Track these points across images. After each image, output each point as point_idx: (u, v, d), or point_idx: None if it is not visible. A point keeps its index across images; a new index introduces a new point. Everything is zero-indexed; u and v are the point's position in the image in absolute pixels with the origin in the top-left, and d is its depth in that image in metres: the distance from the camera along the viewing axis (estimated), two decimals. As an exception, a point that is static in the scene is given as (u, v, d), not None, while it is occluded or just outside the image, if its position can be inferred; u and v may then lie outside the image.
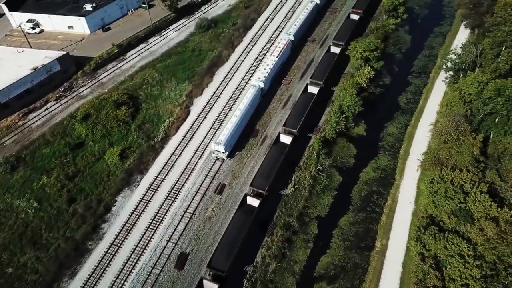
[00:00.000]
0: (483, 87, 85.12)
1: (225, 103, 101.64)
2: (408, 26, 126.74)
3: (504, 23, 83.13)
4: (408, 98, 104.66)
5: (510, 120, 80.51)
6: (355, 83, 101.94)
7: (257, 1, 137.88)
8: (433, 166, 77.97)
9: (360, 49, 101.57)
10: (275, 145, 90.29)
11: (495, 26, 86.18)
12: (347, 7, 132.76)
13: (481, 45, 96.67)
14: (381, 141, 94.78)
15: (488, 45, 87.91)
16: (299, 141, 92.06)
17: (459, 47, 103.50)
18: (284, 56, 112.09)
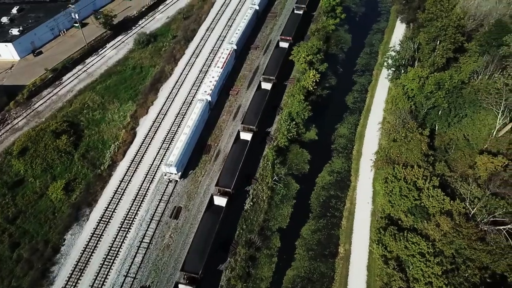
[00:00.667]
0: (424, 82, 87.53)
1: (172, 120, 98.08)
2: (347, 25, 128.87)
3: (436, 19, 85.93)
4: (355, 97, 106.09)
5: (452, 112, 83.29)
6: (302, 87, 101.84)
7: (196, 11, 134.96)
8: (385, 165, 79.03)
9: (303, 53, 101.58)
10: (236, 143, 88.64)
11: (428, 22, 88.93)
12: (286, 10, 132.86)
13: (417, 40, 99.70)
14: (333, 144, 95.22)
15: (424, 41, 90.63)
16: (253, 153, 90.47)
17: (397, 44, 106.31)
18: (229, 66, 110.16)
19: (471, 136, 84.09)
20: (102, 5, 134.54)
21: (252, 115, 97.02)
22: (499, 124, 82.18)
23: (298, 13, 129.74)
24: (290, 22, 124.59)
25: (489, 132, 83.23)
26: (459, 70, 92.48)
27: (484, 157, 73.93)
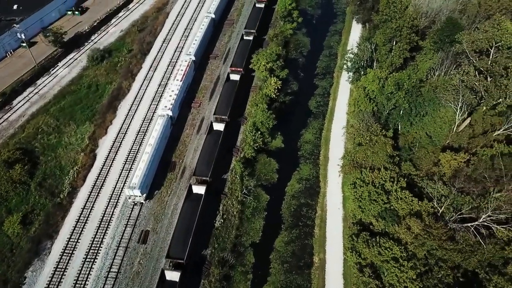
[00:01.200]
0: (384, 83, 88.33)
1: (133, 139, 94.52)
2: (305, 28, 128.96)
3: (391, 20, 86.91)
4: (317, 101, 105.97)
5: (413, 111, 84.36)
6: (265, 95, 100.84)
7: (150, 22, 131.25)
8: (353, 170, 78.99)
9: (263, 61, 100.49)
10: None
11: (383, 23, 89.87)
12: (243, 17, 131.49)
13: (374, 41, 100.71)
14: (300, 150, 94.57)
15: (380, 42, 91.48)
16: (220, 166, 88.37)
17: (355, 45, 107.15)
18: (189, 78, 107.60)
19: (433, 133, 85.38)
20: (50, 22, 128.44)
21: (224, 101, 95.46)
22: (458, 120, 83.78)
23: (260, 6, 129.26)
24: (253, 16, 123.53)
25: (450, 128, 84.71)
26: (416, 68, 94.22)
27: (447, 155, 75.10)
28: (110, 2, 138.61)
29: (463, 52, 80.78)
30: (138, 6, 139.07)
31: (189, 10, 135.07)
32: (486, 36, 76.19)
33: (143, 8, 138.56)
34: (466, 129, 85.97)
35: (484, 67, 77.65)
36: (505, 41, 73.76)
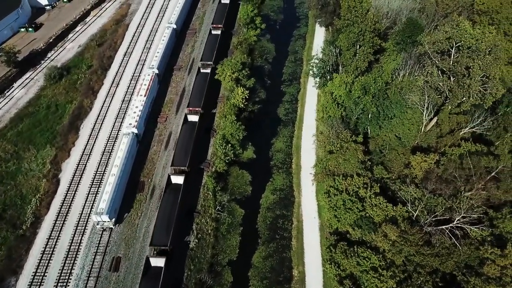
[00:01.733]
0: (351, 87, 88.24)
1: (98, 160, 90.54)
2: (269, 34, 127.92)
3: (353, 24, 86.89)
4: (286, 108, 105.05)
5: (381, 115, 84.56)
6: (233, 106, 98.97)
7: (110, 36, 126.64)
8: (325, 178, 78.29)
9: (228, 72, 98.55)
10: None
11: (345, 27, 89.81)
12: (206, 25, 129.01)
13: (338, 44, 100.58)
14: (272, 160, 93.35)
15: (344, 46, 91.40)
16: (191, 183, 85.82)
17: (319, 49, 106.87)
18: (153, 92, 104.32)
19: (402, 135, 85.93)
20: (2, 40, 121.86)
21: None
22: (425, 120, 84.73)
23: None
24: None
25: (418, 129, 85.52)
26: (381, 70, 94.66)
27: (418, 157, 75.56)
28: (66, 17, 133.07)
29: (426, 53, 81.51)
30: (96, 19, 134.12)
31: (149, 21, 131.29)
32: (445, 36, 77.10)
33: (101, 21, 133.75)
34: (433, 128, 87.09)
35: (446, 67, 78.63)
36: (465, 41, 74.84)
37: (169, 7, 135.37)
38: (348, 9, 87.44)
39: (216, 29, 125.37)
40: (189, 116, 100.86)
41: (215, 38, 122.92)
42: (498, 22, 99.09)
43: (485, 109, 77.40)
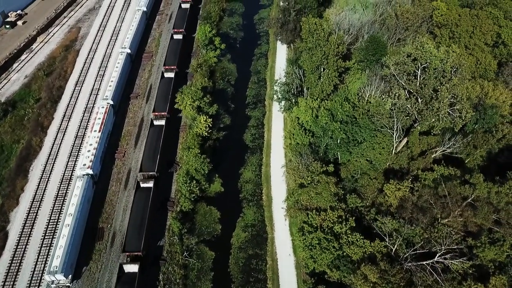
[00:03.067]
0: (317, 112, 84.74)
1: (51, 206, 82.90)
2: (229, 53, 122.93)
3: (315, 48, 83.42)
4: (252, 134, 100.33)
5: (350, 139, 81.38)
6: (196, 135, 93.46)
7: (59, 64, 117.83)
8: (298, 212, 74.23)
9: (188, 101, 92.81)
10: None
11: (308, 50, 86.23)
12: (162, 48, 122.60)
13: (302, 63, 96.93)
14: (241, 192, 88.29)
15: (308, 70, 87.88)
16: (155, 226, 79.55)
17: (282, 71, 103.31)
18: (109, 126, 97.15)
19: (373, 158, 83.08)
20: None
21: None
22: (395, 143, 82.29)
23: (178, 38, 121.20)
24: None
25: (389, 151, 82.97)
26: (347, 90, 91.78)
27: (391, 185, 72.77)
28: (9, 45, 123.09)
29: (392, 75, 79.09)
30: (43, 46, 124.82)
31: (101, 45, 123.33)
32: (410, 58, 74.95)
33: (49, 47, 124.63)
34: (404, 149, 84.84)
35: (413, 89, 76.40)
36: (431, 64, 72.79)
37: (122, 29, 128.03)
38: (309, 32, 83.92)
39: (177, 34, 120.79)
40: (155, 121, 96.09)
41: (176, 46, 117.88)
42: (458, 35, 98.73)
43: (455, 132, 75.63)
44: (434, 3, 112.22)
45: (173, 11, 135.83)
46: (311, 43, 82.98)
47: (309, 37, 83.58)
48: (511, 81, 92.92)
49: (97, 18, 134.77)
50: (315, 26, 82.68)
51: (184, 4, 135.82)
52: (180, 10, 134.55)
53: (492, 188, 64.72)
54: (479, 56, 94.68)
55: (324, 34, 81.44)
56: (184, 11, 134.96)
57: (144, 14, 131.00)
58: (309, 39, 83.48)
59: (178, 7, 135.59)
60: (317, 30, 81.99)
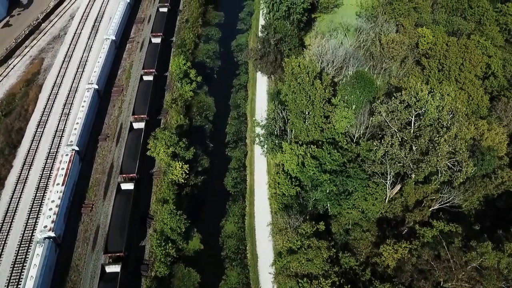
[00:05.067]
0: (303, 159, 77.82)
1: (7, 277, 72.96)
2: (206, 85, 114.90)
3: (300, 92, 76.54)
4: (234, 178, 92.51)
5: (340, 192, 74.75)
6: (171, 183, 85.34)
7: (19, 102, 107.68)
8: (287, 279, 66.72)
9: (162, 148, 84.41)
10: None
11: (292, 93, 79.22)
12: (133, 81, 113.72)
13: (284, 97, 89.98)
14: (223, 249, 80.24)
15: (292, 115, 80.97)
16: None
17: (264, 107, 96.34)
18: (74, 176, 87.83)
19: (365, 209, 76.62)
20: None
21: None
22: (389, 192, 76.10)
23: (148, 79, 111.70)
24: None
25: (382, 200, 76.69)
26: (333, 129, 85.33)
27: (388, 247, 66.30)
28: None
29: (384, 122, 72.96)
30: (1, 81, 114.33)
31: (67, 78, 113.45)
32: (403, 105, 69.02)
33: (8, 82, 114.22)
34: (397, 195, 78.73)
35: (408, 137, 70.30)
36: (427, 114, 66.89)
37: (90, 60, 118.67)
38: (293, 75, 77.09)
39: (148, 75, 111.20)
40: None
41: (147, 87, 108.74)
42: (448, 68, 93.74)
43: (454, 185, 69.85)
44: (420, 30, 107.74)
45: (145, 38, 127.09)
46: (295, 87, 76.12)
47: (292, 81, 76.69)
48: (504, 117, 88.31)
49: (62, 47, 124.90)
50: (298, 69, 75.81)
51: (155, 38, 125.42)
52: (151, 45, 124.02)
53: (502, 258, 58.81)
54: (471, 91, 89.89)
55: (309, 79, 74.59)
56: (155, 45, 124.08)
57: (113, 43, 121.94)
58: (292, 82, 76.59)
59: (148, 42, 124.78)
60: (301, 73, 75.14)
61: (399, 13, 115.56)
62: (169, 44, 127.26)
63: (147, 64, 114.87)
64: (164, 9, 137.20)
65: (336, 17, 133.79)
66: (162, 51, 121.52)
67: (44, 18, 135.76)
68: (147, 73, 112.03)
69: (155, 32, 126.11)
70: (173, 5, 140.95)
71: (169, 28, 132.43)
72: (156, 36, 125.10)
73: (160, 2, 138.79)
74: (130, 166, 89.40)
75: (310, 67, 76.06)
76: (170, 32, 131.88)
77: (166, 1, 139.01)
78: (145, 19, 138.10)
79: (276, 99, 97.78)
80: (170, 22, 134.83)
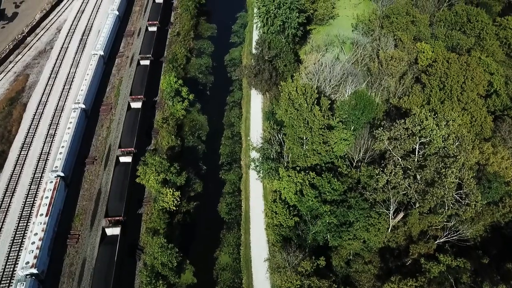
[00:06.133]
0: (302, 186, 73.82)
1: (-14, 318, 68.01)
2: (199, 102, 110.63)
3: (297, 118, 72.51)
4: (228, 203, 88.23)
5: (341, 223, 70.85)
6: (162, 211, 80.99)
7: (2, 122, 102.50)
8: (287, 320, 62.50)
9: (152, 175, 79.94)
10: None
11: (290, 119, 75.12)
12: (122, 99, 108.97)
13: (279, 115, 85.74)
14: (217, 283, 75.87)
15: (290, 141, 76.95)
16: None
17: (259, 128, 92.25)
18: (59, 204, 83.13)
19: (367, 239, 72.81)
20: None
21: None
22: (391, 221, 72.37)
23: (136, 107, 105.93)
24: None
25: (384, 229, 72.86)
26: (331, 152, 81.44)
27: (393, 286, 62.36)
28: None
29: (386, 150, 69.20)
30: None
31: (52, 97, 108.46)
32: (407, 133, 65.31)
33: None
34: (400, 223, 75.00)
35: (412, 166, 66.56)
36: (433, 144, 63.21)
37: (77, 76, 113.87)
38: (289, 99, 73.11)
39: (135, 101, 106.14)
40: (108, 229, 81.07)
41: (135, 112, 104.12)
42: (449, 87, 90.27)
43: (462, 218, 66.16)
44: (419, 45, 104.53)
45: (135, 52, 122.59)
46: (292, 113, 72.13)
47: (289, 107, 72.68)
48: (509, 139, 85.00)
49: (48, 62, 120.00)
50: (296, 94, 71.79)
51: (143, 60, 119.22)
52: (139, 67, 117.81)
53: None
54: (474, 111, 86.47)
55: (307, 105, 70.59)
56: (143, 68, 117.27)
57: (102, 59, 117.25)
58: (289, 109, 72.56)
59: (136, 65, 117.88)
60: (298, 98, 71.14)
61: (397, 27, 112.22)
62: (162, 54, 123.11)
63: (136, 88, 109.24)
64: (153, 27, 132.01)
65: (332, 29, 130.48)
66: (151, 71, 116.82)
67: (30, 31, 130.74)
68: (135, 99, 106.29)
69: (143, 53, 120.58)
70: (163, 23, 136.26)
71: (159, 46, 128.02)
72: (144, 59, 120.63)
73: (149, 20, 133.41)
74: (119, 197, 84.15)
75: (308, 91, 71.92)
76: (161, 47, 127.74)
77: (156, 18, 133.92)
78: (135, 32, 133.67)
79: (272, 119, 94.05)
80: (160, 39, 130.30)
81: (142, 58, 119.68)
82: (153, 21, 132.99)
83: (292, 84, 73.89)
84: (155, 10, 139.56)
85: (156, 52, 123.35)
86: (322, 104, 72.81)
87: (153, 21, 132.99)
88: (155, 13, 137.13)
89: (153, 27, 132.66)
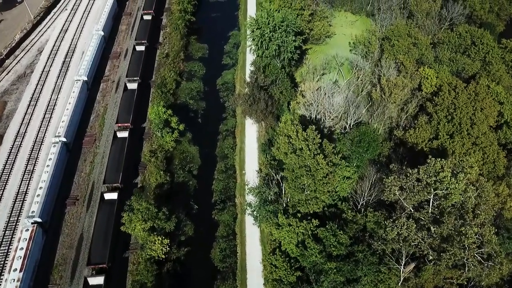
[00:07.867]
0: (304, 238, 67.15)
1: None
2: (190, 131, 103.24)
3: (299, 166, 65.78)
4: (222, 249, 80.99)
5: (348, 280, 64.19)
6: (149, 261, 73.85)
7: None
8: None
9: (138, 224, 72.64)
10: None
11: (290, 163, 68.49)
12: (107, 129, 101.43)
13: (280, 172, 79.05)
14: None
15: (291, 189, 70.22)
16: None
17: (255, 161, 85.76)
18: (35, 256, 75.30)
19: (376, 293, 66.26)
20: None
21: None
22: (403, 273, 65.92)
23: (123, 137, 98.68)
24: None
25: (394, 284, 66.39)
26: (334, 193, 75.02)
27: None
28: None
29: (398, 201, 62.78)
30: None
31: (31, 128, 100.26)
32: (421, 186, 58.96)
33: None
34: (412, 275, 68.54)
35: (425, 218, 60.22)
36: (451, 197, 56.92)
37: (58, 104, 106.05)
38: (289, 143, 66.40)
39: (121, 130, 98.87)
40: (91, 278, 73.70)
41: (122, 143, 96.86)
42: (458, 119, 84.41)
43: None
44: (422, 71, 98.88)
45: (121, 75, 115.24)
46: (293, 159, 65.43)
47: (289, 151, 65.98)
48: (524, 176, 79.41)
49: (27, 88, 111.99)
50: (296, 138, 65.10)
51: (131, 84, 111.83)
52: (126, 92, 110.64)
53: None
54: (486, 146, 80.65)
55: (310, 153, 63.93)
56: (130, 93, 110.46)
57: (85, 85, 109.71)
58: (290, 156, 65.82)
59: (123, 89, 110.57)
60: (299, 144, 64.45)
61: (398, 50, 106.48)
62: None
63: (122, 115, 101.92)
64: (141, 47, 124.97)
65: (328, 49, 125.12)
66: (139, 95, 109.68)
67: (8, 53, 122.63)
68: (121, 127, 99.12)
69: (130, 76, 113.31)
70: (151, 42, 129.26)
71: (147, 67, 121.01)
72: (132, 81, 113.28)
73: (136, 39, 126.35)
74: (102, 246, 76.93)
75: (310, 135, 65.25)
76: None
77: (144, 37, 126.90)
78: (121, 53, 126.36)
79: (268, 152, 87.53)
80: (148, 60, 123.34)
81: (129, 81, 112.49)
82: (141, 40, 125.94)
83: (292, 128, 67.11)
84: (143, 28, 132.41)
85: (145, 73, 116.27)
86: (325, 147, 66.18)
87: (141, 40, 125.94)
88: (143, 32, 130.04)
89: (141, 46, 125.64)
